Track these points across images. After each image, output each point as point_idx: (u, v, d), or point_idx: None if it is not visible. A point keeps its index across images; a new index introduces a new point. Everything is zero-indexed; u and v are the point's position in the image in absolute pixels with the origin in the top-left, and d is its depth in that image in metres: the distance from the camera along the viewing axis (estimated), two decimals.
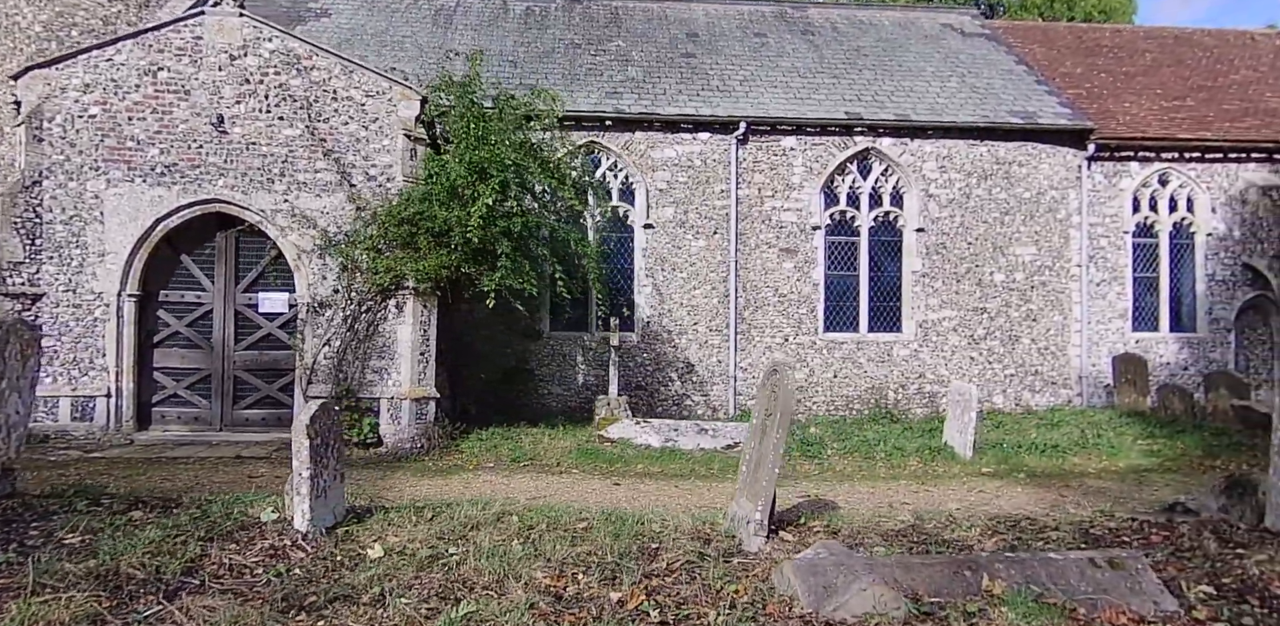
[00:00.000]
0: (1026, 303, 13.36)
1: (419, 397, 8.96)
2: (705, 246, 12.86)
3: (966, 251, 13.26)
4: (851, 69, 14.34)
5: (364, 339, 8.92)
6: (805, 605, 3.96)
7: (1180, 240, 13.82)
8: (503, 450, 8.89)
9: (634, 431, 9.45)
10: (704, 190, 12.86)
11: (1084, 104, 14.14)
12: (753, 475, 5.43)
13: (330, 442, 4.97)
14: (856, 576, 3.99)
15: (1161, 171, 13.64)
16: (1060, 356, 13.44)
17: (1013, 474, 8.85)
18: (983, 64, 14.81)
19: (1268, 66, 16.13)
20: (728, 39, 15.08)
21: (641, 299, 12.78)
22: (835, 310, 13.23)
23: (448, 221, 8.39)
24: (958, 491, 7.95)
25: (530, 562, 4.40)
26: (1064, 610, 3.97)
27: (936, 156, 13.22)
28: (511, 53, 13.97)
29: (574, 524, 5.44)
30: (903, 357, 13.18)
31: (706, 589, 4.28)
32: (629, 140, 12.75)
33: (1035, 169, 13.37)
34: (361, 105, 8.96)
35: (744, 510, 5.38)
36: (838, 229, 13.22)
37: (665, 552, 4.92)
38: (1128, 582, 4.22)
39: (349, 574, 4.07)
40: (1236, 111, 14.34)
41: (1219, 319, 13.70)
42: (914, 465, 9.23)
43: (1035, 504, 7.24)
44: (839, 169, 13.10)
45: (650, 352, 12.74)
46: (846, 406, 13.01)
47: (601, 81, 13.31)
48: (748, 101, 13.12)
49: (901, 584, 4.08)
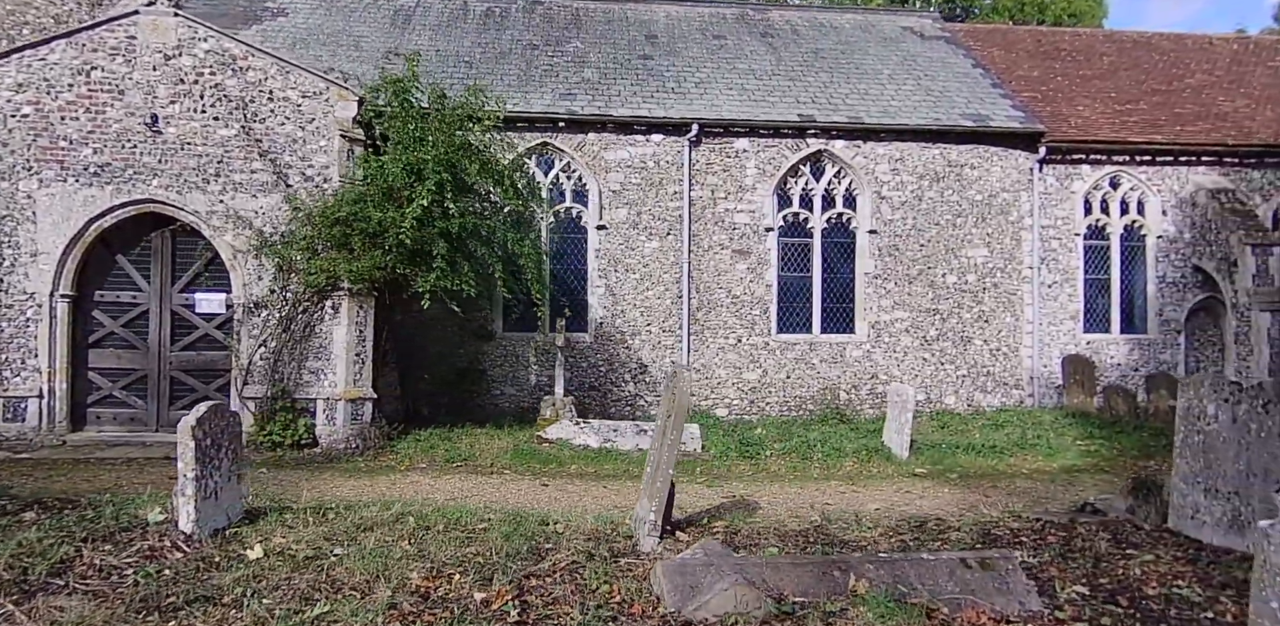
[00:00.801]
0: (979, 304, 13.46)
1: (355, 398, 8.97)
2: (658, 248, 12.89)
3: (919, 253, 13.35)
4: (808, 71, 14.41)
5: (300, 340, 8.92)
6: (669, 604, 4.01)
7: (1131, 242, 13.95)
8: (439, 451, 8.90)
9: (572, 432, 9.47)
10: (657, 192, 12.90)
11: (1038, 107, 14.25)
12: (651, 476, 5.47)
13: (224, 443, 4.97)
14: (721, 576, 4.03)
15: (1113, 174, 13.77)
16: (1012, 357, 13.54)
17: (945, 474, 8.93)
18: (939, 67, 14.91)
19: (1223, 71, 16.30)
20: (687, 41, 15.12)
21: (594, 300, 12.81)
22: (788, 311, 13.29)
23: (382, 222, 8.40)
24: (884, 492, 8.01)
25: (410, 563, 4.43)
26: (924, 610, 4.02)
27: (889, 159, 13.30)
28: (468, 53, 13.98)
29: (474, 524, 5.47)
30: (855, 358, 13.26)
31: (581, 588, 4.32)
32: (582, 142, 12.78)
33: (987, 171, 13.47)
34: (298, 106, 8.96)
35: (642, 510, 5.42)
36: (791, 230, 13.29)
37: (556, 553, 4.96)
38: (996, 583, 4.27)
39: (218, 575, 4.09)
40: (1189, 115, 14.49)
41: (1169, 320, 13.84)
42: (850, 466, 9.29)
43: (955, 504, 7.31)
44: (792, 171, 13.16)
45: (603, 353, 12.77)
46: (799, 407, 13.07)
47: (556, 83, 13.33)
48: (702, 103, 13.17)
49: (769, 584, 4.13)
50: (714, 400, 12.95)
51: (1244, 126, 14.29)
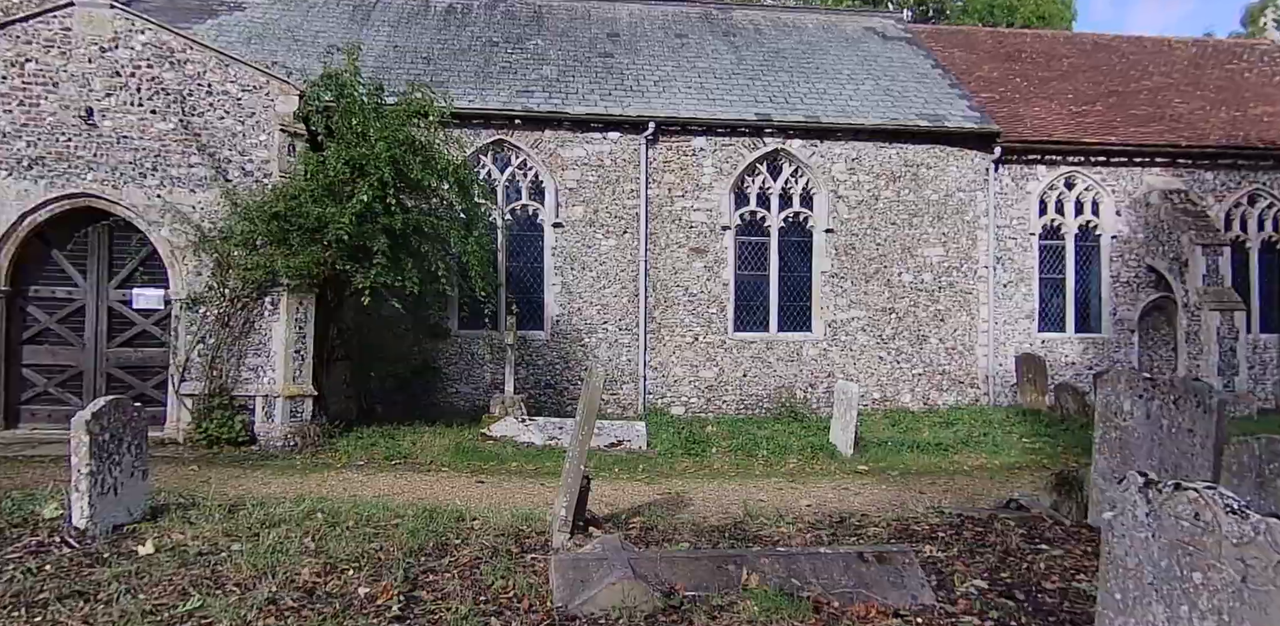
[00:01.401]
0: (935, 303, 13.53)
1: (294, 395, 8.88)
2: (615, 245, 12.87)
3: (875, 252, 13.41)
4: (768, 70, 14.44)
5: (239, 336, 8.82)
6: (558, 599, 3.99)
7: (1086, 242, 14.07)
8: (379, 448, 8.84)
9: (517, 429, 9.44)
10: (614, 189, 12.88)
11: (995, 108, 14.36)
12: (566, 473, 5.45)
13: (125, 438, 4.90)
14: (610, 571, 4.01)
15: (1068, 175, 13.89)
16: (968, 356, 13.62)
17: (887, 471, 8.96)
18: (899, 67, 14.98)
19: (1180, 73, 16.49)
20: (648, 39, 15.12)
21: (551, 297, 12.78)
22: (745, 309, 13.31)
23: (321, 218, 8.32)
24: (821, 489, 8.02)
25: (304, 559, 4.38)
26: (813, 603, 4.02)
27: (846, 158, 13.35)
28: (427, 50, 13.90)
29: (386, 521, 5.42)
30: (812, 357, 13.30)
31: (477, 584, 4.29)
32: (538, 139, 12.74)
33: (943, 171, 13.55)
34: (238, 100, 8.87)
35: (557, 507, 5.40)
36: (748, 229, 13.31)
37: (463, 549, 4.93)
38: (891, 577, 4.28)
39: (100, 571, 4.03)
40: (1144, 116, 14.64)
41: (1123, 319, 13.97)
42: (793, 463, 9.31)
43: (888, 501, 7.33)
44: (749, 170, 13.18)
45: (559, 351, 12.74)
46: (756, 405, 13.08)
47: (514, 80, 13.28)
48: (660, 101, 13.16)
49: (661, 578, 4.12)
50: (670, 398, 12.94)
51: (1198, 128, 14.46)
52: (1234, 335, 12.78)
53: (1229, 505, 2.34)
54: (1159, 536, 2.58)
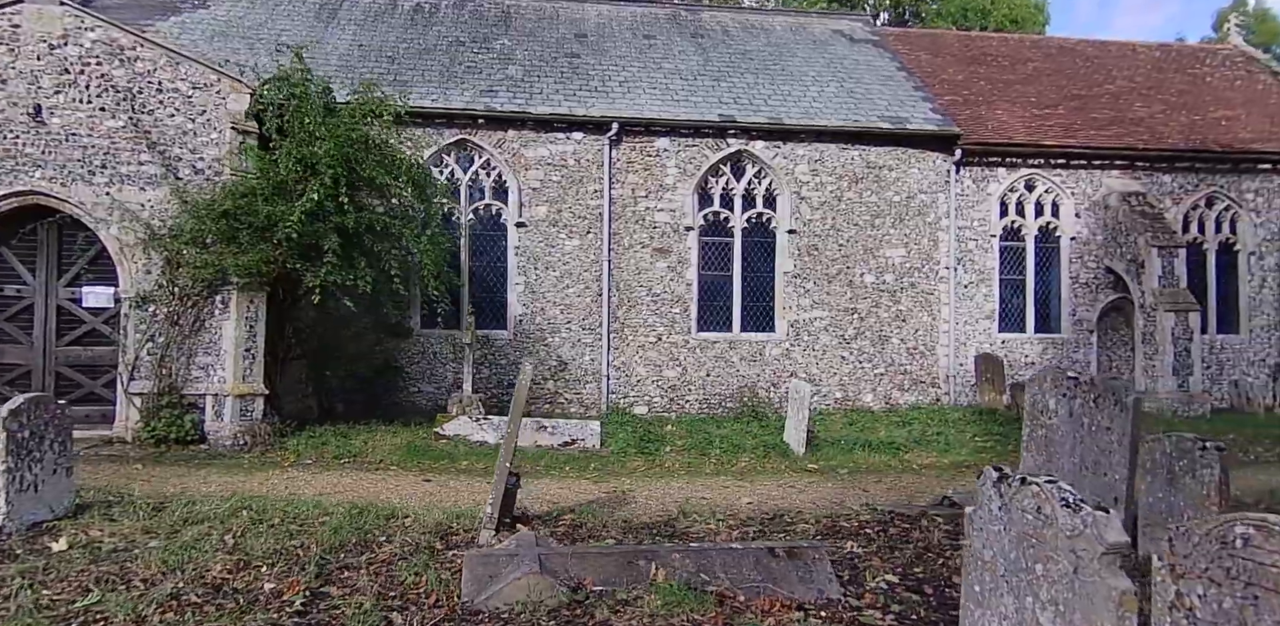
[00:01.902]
0: (896, 303, 13.66)
1: (244, 394, 8.87)
2: (579, 245, 12.92)
3: (838, 253, 13.52)
4: (734, 72, 14.52)
5: (189, 335, 8.80)
6: (464, 594, 4.03)
7: (1046, 244, 14.24)
8: (330, 447, 8.84)
9: (470, 428, 9.46)
10: (578, 189, 12.92)
11: (958, 110, 14.50)
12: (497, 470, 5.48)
13: (47, 436, 4.90)
14: (518, 566, 4.06)
15: (1028, 177, 14.05)
16: (929, 356, 13.75)
17: (836, 470, 9.04)
18: (864, 69, 15.10)
19: (1143, 77, 16.71)
20: (616, 40, 15.17)
21: (514, 297, 12.80)
22: (708, 310, 13.38)
23: (270, 216, 8.32)
24: (767, 487, 8.09)
25: (219, 556, 4.40)
26: (718, 597, 4.08)
27: (809, 159, 13.45)
28: (392, 49, 13.89)
29: (314, 518, 5.45)
30: (774, 357, 13.38)
31: (390, 580, 4.33)
32: (502, 138, 12.77)
33: (905, 173, 13.68)
34: (189, 97, 8.85)
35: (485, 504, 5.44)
36: (711, 230, 13.38)
37: (387, 546, 4.97)
38: (800, 572, 4.35)
39: (6, 567, 4.03)
40: (1104, 120, 14.83)
41: (1082, 320, 14.15)
42: (744, 462, 9.38)
43: (828, 499, 7.41)
44: (713, 170, 13.26)
45: (522, 351, 12.76)
46: (719, 405, 13.16)
47: (479, 79, 13.29)
48: (624, 102, 13.21)
49: (570, 574, 4.17)
50: (634, 398, 12.99)
51: (1157, 131, 14.67)
52: (1188, 336, 12.97)
53: (1064, 498, 2.42)
54: (1009, 529, 2.66)
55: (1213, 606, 2.02)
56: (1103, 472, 5.51)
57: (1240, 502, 6.80)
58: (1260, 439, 10.96)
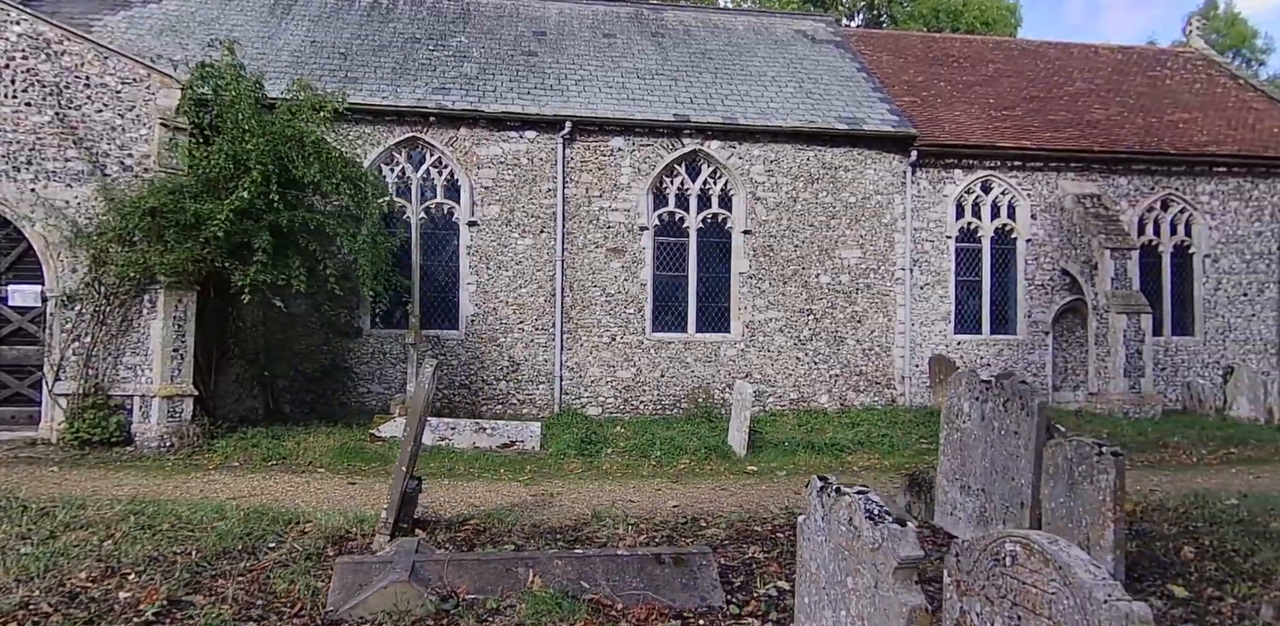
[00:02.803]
0: (852, 304, 13.63)
1: (172, 395, 8.71)
2: (532, 245, 12.81)
3: (793, 254, 13.47)
4: (693, 72, 14.46)
5: (117, 334, 8.64)
6: (330, 603, 3.93)
7: (1002, 245, 14.25)
8: (260, 449, 8.70)
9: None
10: (530, 188, 12.81)
11: (916, 111, 14.49)
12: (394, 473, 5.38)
13: None
14: (388, 574, 3.97)
15: (985, 178, 14.05)
16: (884, 357, 13.74)
17: (775, 472, 8.99)
18: (824, 70, 15.07)
19: (1103, 79, 16.76)
20: (575, 38, 15.07)
21: (465, 296, 12.68)
22: (663, 310, 13.31)
23: (198, 214, 8.18)
24: (699, 490, 8.03)
25: (87, 562, 4.28)
26: (595, 605, 4.01)
27: (764, 160, 13.40)
28: (345, 45, 13.73)
29: (209, 523, 5.33)
30: (729, 358, 13.33)
31: (263, 587, 4.22)
32: (453, 137, 12.64)
33: (861, 174, 13.65)
34: (118, 92, 8.68)
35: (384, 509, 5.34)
36: (666, 230, 13.30)
37: (273, 552, 4.86)
38: (684, 579, 4.28)
39: None
40: (1061, 122, 14.86)
41: (1038, 322, 14.17)
42: (684, 464, 9.31)
43: (755, 502, 7.34)
44: (667, 170, 13.18)
45: (474, 351, 12.65)
46: (673, 406, 13.08)
47: (432, 77, 13.16)
48: (578, 101, 13.11)
49: (445, 582, 4.08)
50: (587, 399, 12.90)
51: (1113, 134, 14.71)
52: (1140, 338, 13.01)
53: (869, 510, 2.35)
54: (829, 540, 2.59)
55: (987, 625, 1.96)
56: (1011, 477, 5.48)
57: (1163, 507, 6.80)
58: (1205, 441, 11.00)
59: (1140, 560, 5.14)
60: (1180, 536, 5.70)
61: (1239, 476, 9.13)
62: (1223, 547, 5.39)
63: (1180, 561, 5.10)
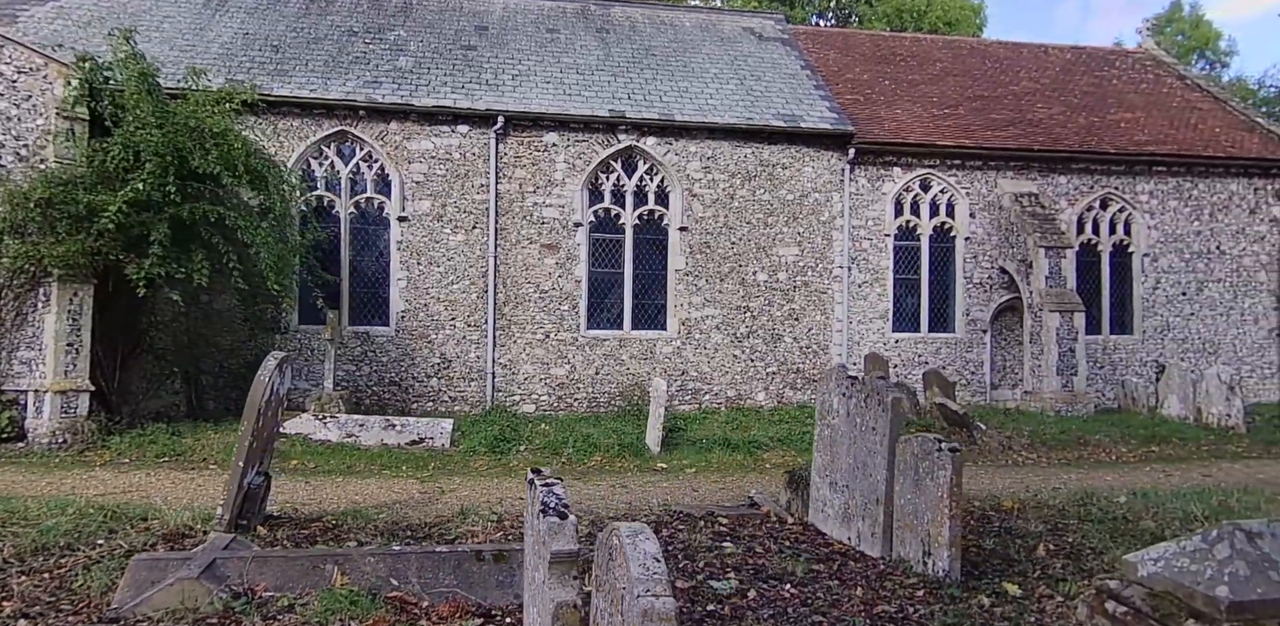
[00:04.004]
0: (789, 302, 13.58)
1: (66, 390, 8.55)
2: (464, 241, 12.69)
3: (730, 251, 13.41)
4: (634, 68, 14.37)
5: (11, 328, 8.48)
6: (117, 600, 3.82)
7: (941, 243, 14.23)
8: (157, 446, 8.56)
9: (313, 426, 9.22)
10: (463, 184, 12.69)
11: (858, 109, 14.46)
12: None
13: None
14: (176, 571, 3.86)
15: (924, 177, 14.03)
16: (822, 355, 13.70)
17: (683, 470, 8.93)
18: (768, 67, 15.02)
19: (1050, 79, 16.79)
20: (518, 33, 14.95)
21: (396, 292, 12.55)
22: (598, 307, 13.23)
23: (92, 205, 8.02)
24: (597, 487, 7.95)
25: None
26: (399, 603, 3.91)
27: (701, 156, 13.33)
28: (279, 38, 13.55)
29: (42, 520, 5.20)
30: (666, 355, 13.25)
31: (63, 585, 4.10)
32: (384, 131, 12.50)
33: (799, 171, 13.60)
34: (14, 82, 8.52)
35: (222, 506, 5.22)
36: (602, 226, 13.21)
37: (95, 549, 4.73)
38: (501, 576, 4.19)
39: None
40: (1003, 120, 14.86)
41: (976, 320, 14.17)
42: (595, 461, 9.23)
43: (647, 499, 7.26)
44: (603, 166, 13.09)
45: (404, 347, 12.52)
46: (609, 403, 12.99)
47: (365, 70, 13.01)
48: (513, 96, 13.00)
49: (245, 579, 3.97)
50: (520, 396, 12.79)
51: (1054, 133, 14.73)
52: (1073, 336, 13.02)
53: (545, 503, 2.27)
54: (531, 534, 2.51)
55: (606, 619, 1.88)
56: (869, 473, 5.42)
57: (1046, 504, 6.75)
58: (1127, 439, 11.01)
59: (991, 557, 5.09)
60: (1046, 534, 5.65)
61: (1151, 474, 9.14)
62: (1081, 545, 5.34)
63: (1031, 559, 5.04)
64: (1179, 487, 7.95)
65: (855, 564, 5.05)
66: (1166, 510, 6.34)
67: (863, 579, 4.71)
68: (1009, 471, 9.17)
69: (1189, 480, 8.69)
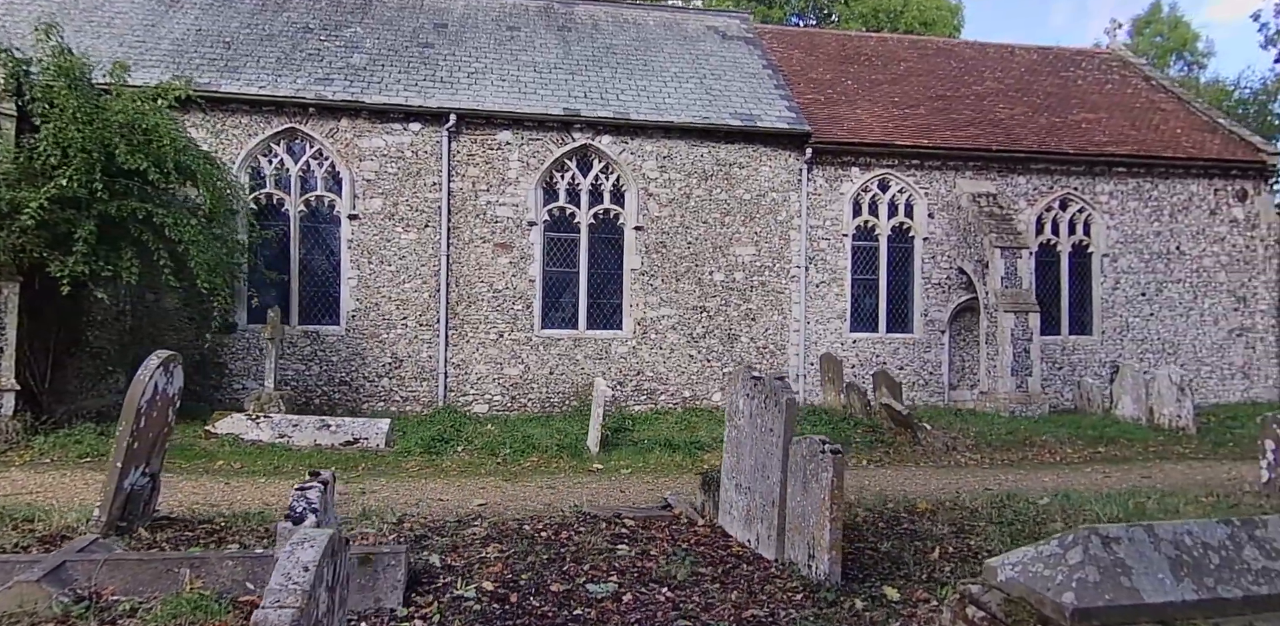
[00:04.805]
0: (746, 302, 13.52)
1: None
2: (416, 239, 12.60)
3: (687, 251, 13.34)
4: (593, 66, 14.29)
5: None
6: None
7: (899, 244, 14.19)
8: (81, 446, 8.45)
9: (245, 426, 9.12)
10: (415, 182, 12.60)
11: (819, 109, 14.41)
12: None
13: None
14: (16, 574, 3.77)
15: (882, 177, 13.99)
16: (779, 355, 13.64)
17: (618, 471, 8.85)
18: (729, 66, 14.96)
19: (1014, 79, 16.77)
20: (477, 31, 14.86)
21: (346, 291, 12.45)
22: (553, 307, 13.15)
23: (13, 202, 7.92)
24: (526, 488, 7.86)
25: None
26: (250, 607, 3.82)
27: (657, 156, 13.26)
28: (232, 34, 13.43)
29: None
30: (621, 355, 13.18)
31: None
32: (334, 128, 12.41)
33: (756, 171, 13.54)
34: None
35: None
36: (557, 225, 13.13)
37: None
38: (365, 579, 4.11)
39: None
40: (964, 121, 14.83)
41: (934, 320, 14.13)
42: (532, 461, 9.15)
43: (570, 500, 7.17)
44: (558, 165, 13.01)
45: (354, 347, 12.42)
46: (563, 403, 12.92)
47: (317, 67, 12.91)
48: (467, 94, 12.91)
49: (94, 582, 3.88)
50: (473, 396, 12.71)
51: (1014, 133, 14.70)
52: (1028, 336, 12.99)
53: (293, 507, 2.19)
54: None
55: None
56: (767, 475, 5.36)
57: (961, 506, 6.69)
58: (1075, 439, 10.98)
59: (883, 560, 5.03)
60: (949, 537, 5.60)
61: (1090, 475, 9.10)
62: (980, 548, 5.29)
63: (924, 562, 4.98)
64: (1114, 489, 7.91)
65: (748, 566, 4.99)
66: (1081, 513, 6.29)
67: (745, 582, 4.64)
68: (948, 472, 9.11)
69: (1127, 481, 8.65)
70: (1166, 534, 3.65)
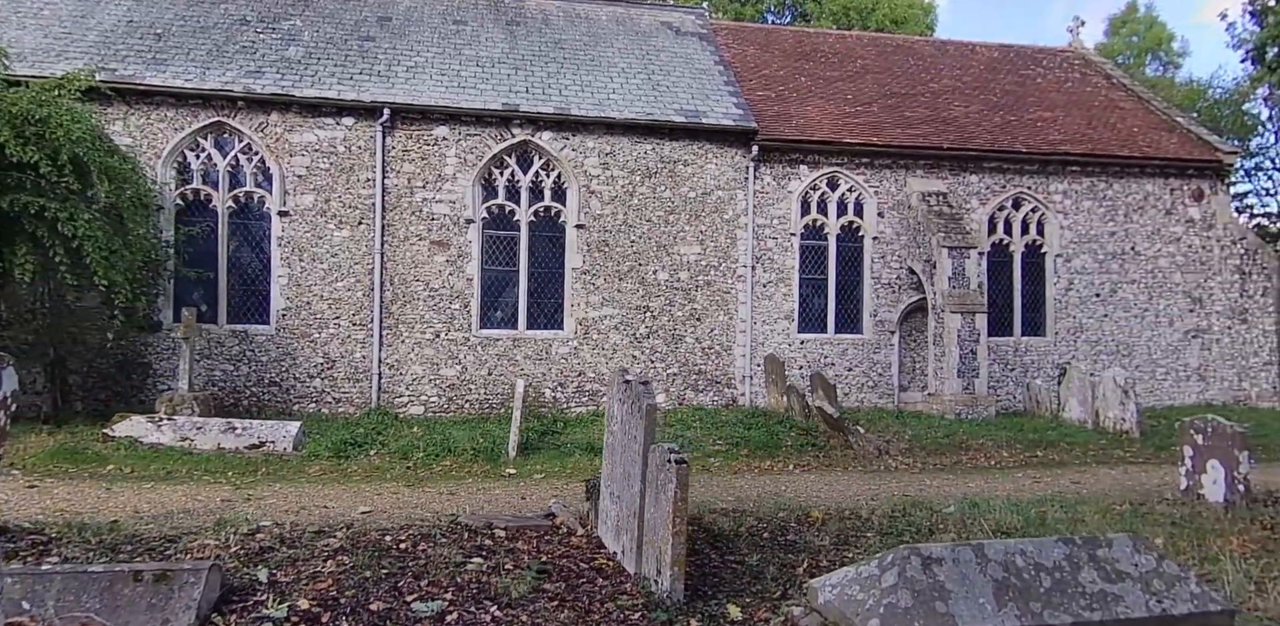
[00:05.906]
0: (691, 302, 13.26)
1: None
2: (349, 237, 12.30)
3: (630, 249, 13.07)
4: (538, 61, 14.00)
5: None
6: None
7: (849, 243, 13.94)
8: None
9: (145, 429, 8.81)
10: (348, 178, 12.30)
11: (769, 106, 14.16)
12: None
13: None
14: None
15: (831, 175, 13.74)
16: (725, 356, 13.39)
17: (531, 476, 8.57)
18: (680, 62, 14.69)
19: (973, 77, 16.55)
20: (422, 25, 14.55)
21: (276, 290, 12.14)
22: (492, 306, 12.87)
23: None
24: (425, 495, 7.57)
25: None
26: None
27: (599, 152, 12.99)
28: (165, 25, 13.09)
29: None
30: (562, 355, 12.91)
31: None
32: (264, 122, 12.10)
33: (702, 168, 13.28)
34: None
35: None
36: (496, 223, 12.85)
37: None
38: (156, 599, 3.83)
39: None
40: (917, 118, 14.59)
41: (884, 321, 13.89)
42: (442, 466, 8.88)
43: (463, 508, 6.89)
44: (496, 161, 12.72)
45: (285, 347, 12.12)
46: (501, 404, 12.63)
47: (250, 60, 12.59)
48: (403, 88, 12.61)
49: None
50: (408, 397, 12.42)
51: (968, 131, 14.48)
52: (975, 338, 12.76)
53: None
54: None
55: None
56: (631, 483, 5.09)
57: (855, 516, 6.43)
58: (1013, 443, 10.75)
59: (743, 575, 4.77)
60: (828, 548, 5.35)
61: (1020, 480, 8.86)
62: (854, 561, 5.03)
63: (785, 577, 4.72)
64: (1038, 495, 7.68)
65: (603, 581, 4.72)
66: (981, 522, 6.05)
67: (588, 599, 4.37)
68: (874, 477, 8.86)
69: (1055, 487, 8.42)
70: (997, 554, 3.41)
